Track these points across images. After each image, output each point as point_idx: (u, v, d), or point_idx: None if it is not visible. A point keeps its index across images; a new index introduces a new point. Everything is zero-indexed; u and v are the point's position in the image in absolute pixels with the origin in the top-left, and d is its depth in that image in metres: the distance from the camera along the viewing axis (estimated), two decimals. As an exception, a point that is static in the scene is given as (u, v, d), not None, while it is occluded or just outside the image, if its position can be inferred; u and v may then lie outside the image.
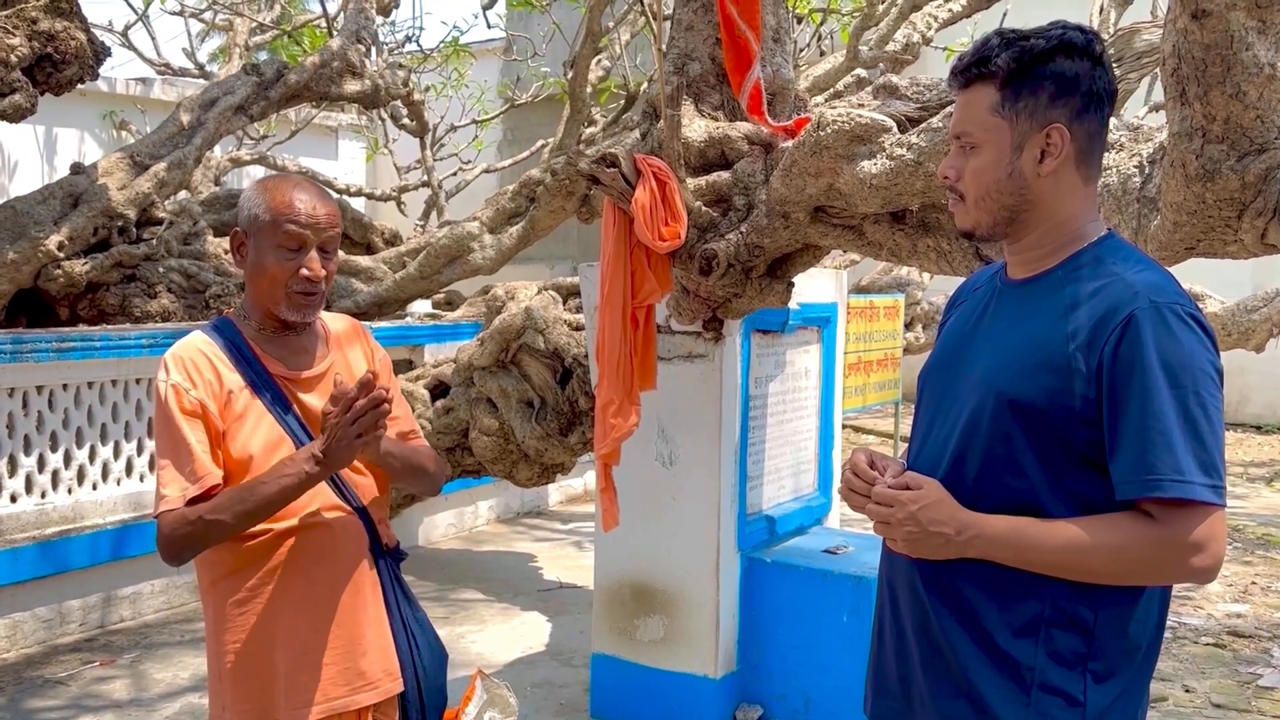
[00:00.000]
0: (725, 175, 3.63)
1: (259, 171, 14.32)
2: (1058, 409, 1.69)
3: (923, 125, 3.05)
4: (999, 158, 1.77)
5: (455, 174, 13.10)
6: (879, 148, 3.11)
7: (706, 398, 4.00)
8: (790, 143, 3.47)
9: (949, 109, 2.99)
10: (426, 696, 2.36)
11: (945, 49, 8.94)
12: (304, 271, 2.13)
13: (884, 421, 11.17)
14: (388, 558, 2.31)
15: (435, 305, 9.34)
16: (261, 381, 2.15)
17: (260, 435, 2.11)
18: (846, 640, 3.96)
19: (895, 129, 3.13)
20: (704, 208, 3.59)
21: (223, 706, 2.16)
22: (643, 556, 4.14)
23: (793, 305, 4.00)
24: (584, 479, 8.07)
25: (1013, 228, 1.81)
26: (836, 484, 4.81)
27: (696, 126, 3.71)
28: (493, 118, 13.54)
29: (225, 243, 7.48)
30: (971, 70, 1.80)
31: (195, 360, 2.11)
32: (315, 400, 2.20)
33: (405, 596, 2.36)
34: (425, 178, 12.14)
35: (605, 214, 3.50)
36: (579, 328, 5.57)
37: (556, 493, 7.86)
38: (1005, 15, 8.82)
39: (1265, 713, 4.33)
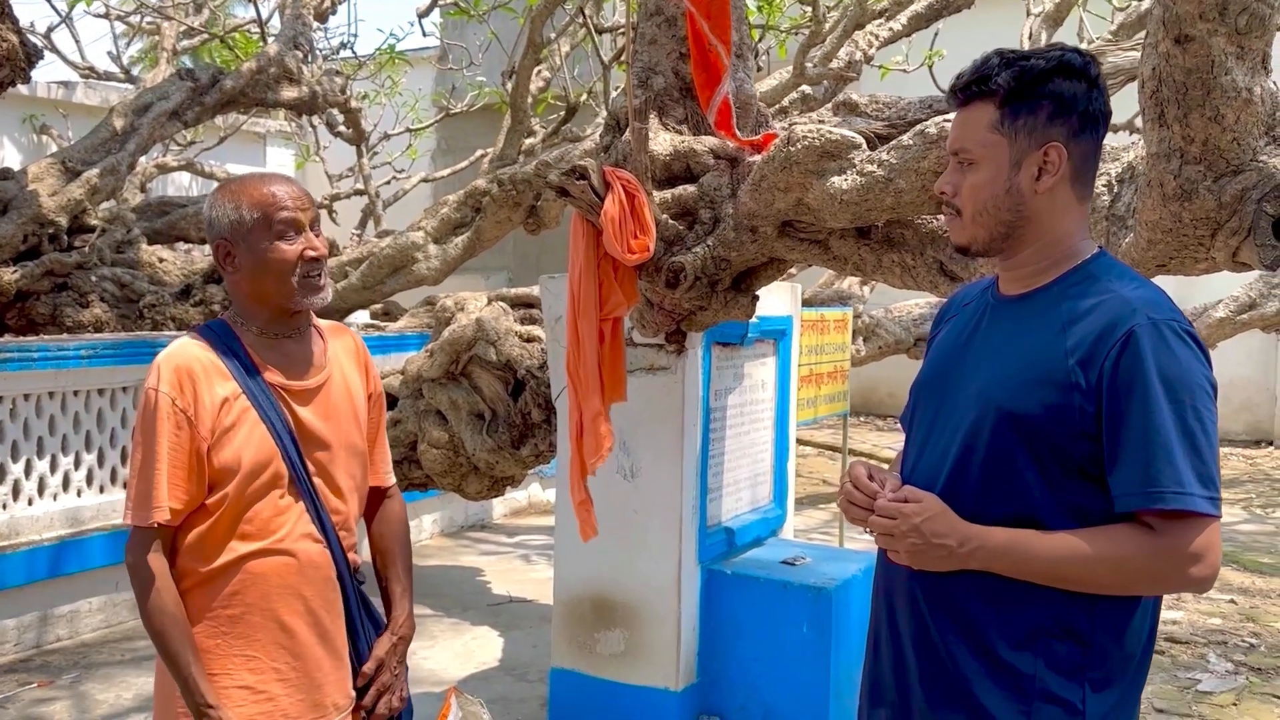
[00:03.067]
0: (691, 189, 3.65)
1: (185, 179, 14.02)
2: (1057, 423, 1.73)
3: (893, 142, 3.10)
4: (997, 174, 1.80)
5: (389, 182, 12.96)
6: (849, 164, 3.15)
7: (669, 410, 4.00)
8: (757, 157, 3.50)
9: (918, 127, 3.04)
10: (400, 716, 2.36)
11: (880, 67, 9.10)
12: (309, 252, 2.12)
13: (819, 434, 11.28)
14: (355, 583, 2.27)
15: (373, 316, 9.22)
16: (258, 390, 2.10)
17: (251, 446, 2.07)
18: (806, 651, 3.98)
19: (865, 146, 3.18)
20: (670, 221, 3.60)
21: None
22: (603, 570, 4.12)
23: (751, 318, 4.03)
24: (527, 492, 8.04)
25: (1008, 243, 1.85)
26: (791, 496, 4.85)
27: (661, 140, 3.72)
28: (427, 126, 13.44)
29: (160, 251, 7.32)
30: (971, 88, 1.83)
31: (190, 367, 2.05)
32: (309, 414, 2.16)
33: (370, 619, 2.33)
34: (358, 186, 11.97)
35: (573, 227, 3.49)
36: (530, 339, 5.54)
37: (500, 506, 7.80)
38: (936, 35, 9.01)
39: (1206, 716, 4.46)
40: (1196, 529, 1.66)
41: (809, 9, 8.23)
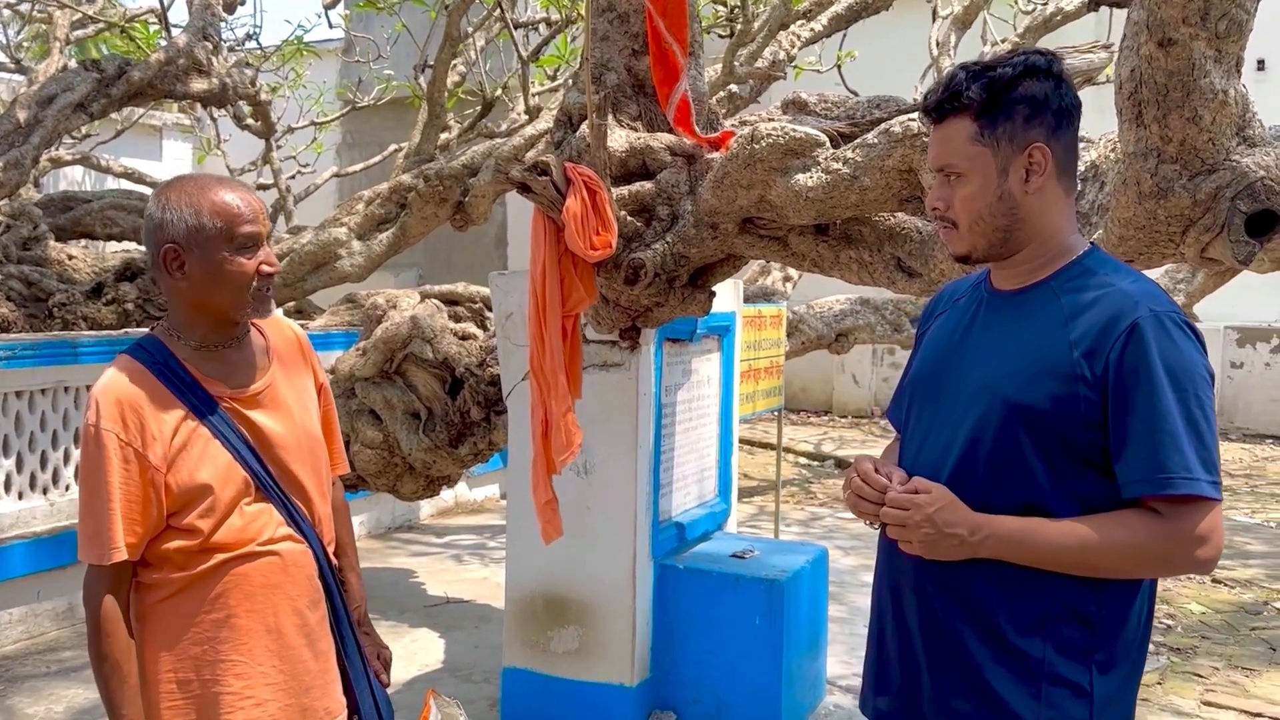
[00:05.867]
0: (648, 185, 3.65)
1: (78, 173, 13.50)
2: (1063, 414, 1.78)
3: (857, 141, 3.15)
4: (987, 183, 1.85)
5: (294, 176, 12.66)
6: (814, 161, 3.19)
7: (622, 406, 4.01)
8: (715, 155, 3.52)
9: (883, 126, 3.10)
10: (383, 713, 2.34)
11: (796, 67, 9.25)
12: (265, 268, 2.06)
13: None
14: (339, 586, 2.25)
15: (286, 314, 9.01)
16: (204, 406, 2.04)
17: (209, 463, 2.02)
18: (758, 643, 4.03)
19: (828, 144, 3.22)
20: (628, 217, 3.60)
21: None
22: (556, 568, 4.11)
23: (698, 314, 4.05)
24: (454, 491, 7.94)
25: (1007, 247, 1.90)
26: (735, 490, 4.89)
27: (617, 136, 3.71)
28: (332, 120, 13.16)
29: (69, 248, 7.04)
30: (945, 105, 1.88)
31: (132, 398, 1.98)
32: (263, 417, 2.11)
33: (354, 621, 2.31)
34: (261, 180, 11.65)
35: (534, 223, 3.46)
36: (466, 337, 5.49)
37: (428, 506, 7.70)
38: (845, 37, 9.18)
39: (1142, 698, 4.63)
40: (1202, 512, 1.73)
41: (721, 7, 8.32)
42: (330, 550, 2.23)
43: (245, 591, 2.04)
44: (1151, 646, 5.22)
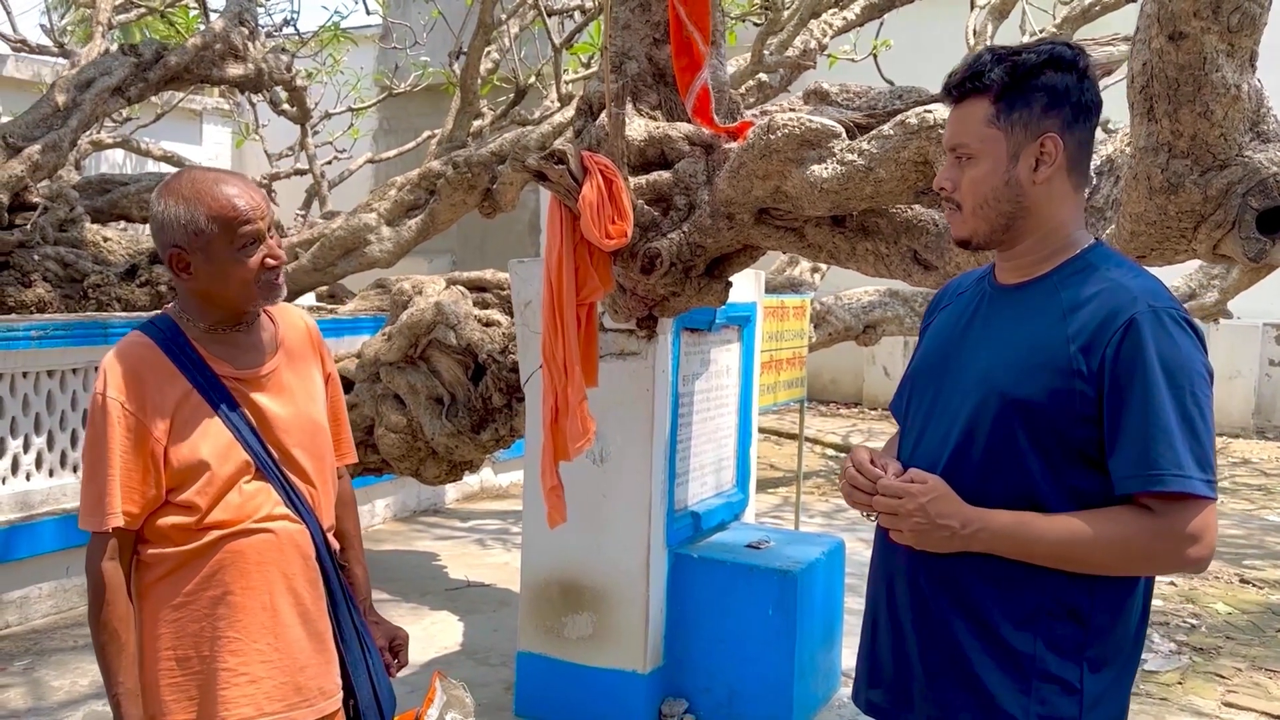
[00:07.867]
0: (666, 175, 3.66)
1: (119, 156, 13.68)
2: (1059, 408, 1.77)
3: (873, 132, 3.13)
4: (996, 167, 1.84)
5: (330, 162, 12.76)
6: (829, 153, 3.18)
7: (639, 395, 4.02)
8: (733, 145, 3.52)
9: (899, 117, 3.08)
10: (382, 700, 2.34)
11: (829, 56, 9.18)
12: (269, 261, 2.08)
13: (762, 418, 11.35)
14: (337, 566, 2.27)
15: (318, 298, 9.11)
16: (209, 384, 2.07)
17: (210, 440, 2.05)
18: (771, 634, 4.04)
19: (844, 135, 3.21)
20: (645, 206, 3.61)
21: (151, 716, 2.07)
22: (572, 554, 4.13)
23: (717, 304, 4.04)
24: (480, 476, 8.00)
25: (1008, 235, 1.89)
26: (753, 480, 4.90)
27: (636, 125, 3.72)
28: (369, 106, 13.24)
29: (104, 230, 7.15)
30: (966, 85, 1.87)
31: (138, 370, 2.03)
32: (266, 400, 2.14)
33: (354, 603, 2.32)
34: (298, 165, 11.75)
35: (550, 212, 3.48)
36: (489, 324, 5.52)
37: (453, 490, 7.76)
38: (881, 25, 9.10)
39: (1153, 695, 4.59)
40: (1194, 510, 1.71)
41: (759, -3, 8.29)
42: (330, 535, 2.25)
43: (240, 569, 2.07)
44: (1174, 646, 5.17)
